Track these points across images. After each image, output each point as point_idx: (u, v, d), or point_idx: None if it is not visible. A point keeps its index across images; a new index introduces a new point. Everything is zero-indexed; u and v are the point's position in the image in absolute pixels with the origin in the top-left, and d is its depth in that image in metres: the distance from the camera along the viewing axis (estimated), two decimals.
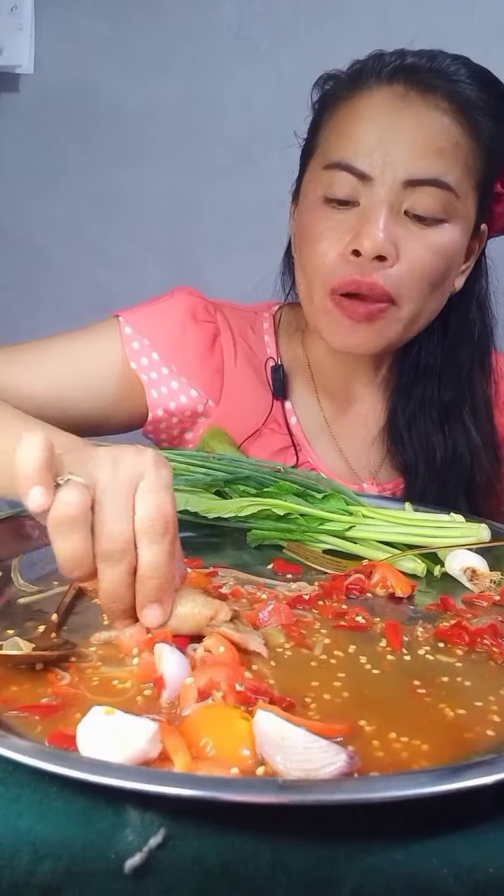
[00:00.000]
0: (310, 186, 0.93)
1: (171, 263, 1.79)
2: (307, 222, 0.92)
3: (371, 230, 0.86)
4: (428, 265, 0.89)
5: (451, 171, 0.87)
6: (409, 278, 0.88)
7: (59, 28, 1.82)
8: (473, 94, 0.89)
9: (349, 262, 0.88)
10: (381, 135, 0.87)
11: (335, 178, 0.89)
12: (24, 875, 0.38)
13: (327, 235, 0.89)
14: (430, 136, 0.87)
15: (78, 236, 1.88)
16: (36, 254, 1.90)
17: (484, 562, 0.74)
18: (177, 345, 0.99)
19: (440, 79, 0.88)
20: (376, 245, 0.86)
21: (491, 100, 0.90)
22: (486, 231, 0.97)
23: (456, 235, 0.90)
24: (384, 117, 0.88)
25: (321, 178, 0.90)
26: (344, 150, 0.89)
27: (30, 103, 1.87)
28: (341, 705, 0.51)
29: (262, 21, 1.69)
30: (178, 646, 0.54)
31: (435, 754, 0.47)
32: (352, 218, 0.88)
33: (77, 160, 1.86)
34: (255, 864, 0.39)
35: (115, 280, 1.80)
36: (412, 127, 0.87)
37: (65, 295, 1.85)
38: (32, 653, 0.54)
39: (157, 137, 1.80)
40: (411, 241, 0.88)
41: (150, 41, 1.78)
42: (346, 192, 0.88)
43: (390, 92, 0.88)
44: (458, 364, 1.00)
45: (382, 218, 0.86)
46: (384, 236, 0.86)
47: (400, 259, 0.88)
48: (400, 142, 0.86)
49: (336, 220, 0.89)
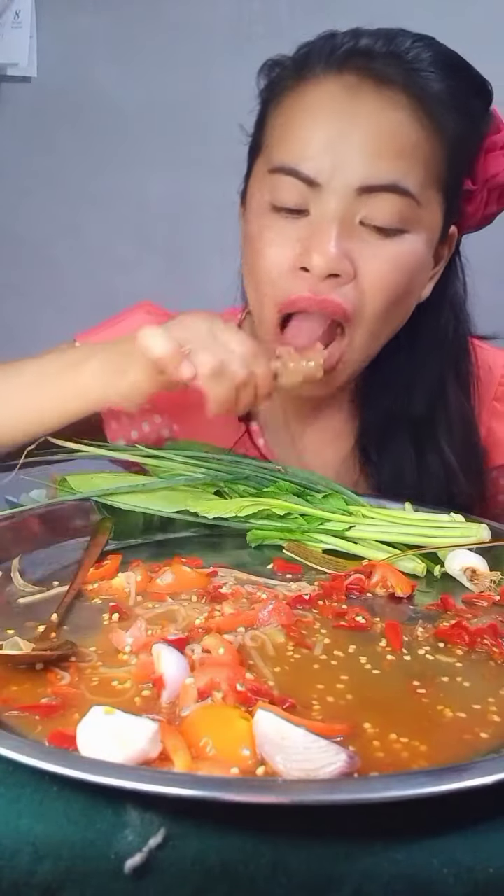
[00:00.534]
0: (256, 189, 0.84)
1: (171, 263, 1.79)
2: (254, 230, 0.83)
3: (321, 245, 0.76)
4: (388, 281, 0.79)
5: (411, 174, 0.77)
6: (367, 296, 0.79)
7: (60, 28, 1.82)
8: (437, 85, 0.79)
9: (300, 278, 0.79)
10: (329, 135, 0.77)
11: (281, 183, 0.79)
12: (24, 875, 0.38)
13: (274, 247, 0.80)
14: (386, 136, 0.77)
15: (78, 236, 1.89)
16: (36, 254, 1.91)
17: (484, 562, 0.74)
18: None
19: (398, 66, 0.78)
20: (328, 262, 0.76)
21: (457, 89, 0.80)
22: (455, 234, 0.88)
23: (419, 246, 0.81)
24: (333, 114, 0.78)
25: (267, 182, 0.81)
26: (289, 151, 0.79)
27: (30, 103, 1.87)
28: (341, 706, 0.51)
29: (262, 21, 1.69)
30: (176, 646, 0.54)
31: (435, 754, 0.47)
32: (301, 228, 0.79)
33: (77, 160, 1.86)
34: (255, 864, 0.39)
35: (115, 280, 1.80)
36: (365, 125, 0.76)
37: (65, 295, 1.85)
38: (32, 653, 0.54)
39: (157, 137, 1.80)
40: (369, 255, 0.78)
41: (151, 41, 1.78)
42: (294, 200, 0.78)
43: (340, 83, 0.78)
44: (429, 377, 0.91)
45: (334, 230, 0.77)
46: (336, 251, 0.76)
47: (357, 275, 0.78)
48: (352, 143, 0.76)
49: (284, 230, 0.79)
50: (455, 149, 0.81)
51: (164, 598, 0.65)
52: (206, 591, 0.66)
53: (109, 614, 0.62)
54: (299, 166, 0.78)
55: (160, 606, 0.64)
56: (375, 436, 0.94)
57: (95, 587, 0.68)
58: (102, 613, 0.63)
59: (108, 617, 0.62)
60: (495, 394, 0.98)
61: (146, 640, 0.56)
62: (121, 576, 0.68)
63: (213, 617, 0.61)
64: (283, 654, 0.57)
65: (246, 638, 0.58)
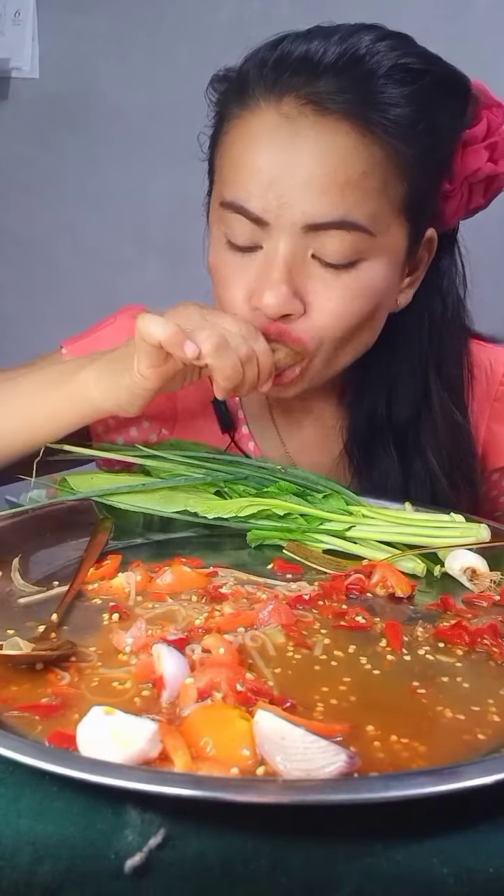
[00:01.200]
0: (213, 219, 0.82)
1: (171, 263, 1.79)
2: (213, 263, 0.82)
3: (270, 286, 0.75)
4: (346, 311, 0.78)
5: (361, 206, 0.74)
6: (322, 328, 0.78)
7: (61, 29, 1.83)
8: (391, 108, 0.73)
9: (257, 314, 0.78)
10: (271, 172, 0.73)
11: (232, 220, 0.77)
12: (24, 875, 0.38)
13: (231, 282, 0.79)
14: (329, 169, 0.72)
15: (78, 236, 1.89)
16: (36, 254, 1.91)
17: (484, 562, 0.74)
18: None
19: (345, 88, 0.72)
20: (277, 303, 0.75)
21: (419, 105, 0.74)
22: (433, 237, 0.85)
23: (378, 271, 0.78)
24: (273, 147, 0.74)
25: (220, 216, 0.79)
26: (237, 188, 0.76)
27: (31, 103, 1.87)
28: (340, 706, 0.51)
29: (262, 21, 1.69)
30: (176, 646, 0.54)
31: (434, 754, 0.47)
32: (255, 263, 0.77)
33: (78, 160, 1.87)
34: (255, 864, 0.39)
35: (115, 280, 1.81)
36: (307, 159, 0.72)
37: (65, 295, 1.85)
38: (32, 653, 0.54)
39: (158, 137, 1.80)
40: (322, 289, 0.76)
41: (151, 41, 1.78)
42: (246, 238, 0.77)
43: (278, 113, 0.74)
44: (407, 380, 0.90)
45: (281, 270, 0.75)
46: (285, 291, 0.75)
47: (310, 309, 0.77)
48: (294, 179, 0.72)
49: (239, 266, 0.78)
50: (417, 165, 0.76)
51: (164, 598, 0.65)
52: (207, 592, 0.66)
53: (109, 614, 0.62)
54: (247, 204, 0.75)
55: (160, 606, 0.64)
56: (361, 441, 0.93)
57: (95, 587, 0.68)
58: (102, 613, 0.63)
59: (108, 617, 0.62)
60: (496, 394, 0.96)
61: (146, 640, 0.56)
62: (121, 576, 0.68)
63: (213, 617, 0.61)
64: (283, 655, 0.57)
65: (246, 638, 0.58)
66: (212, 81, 0.83)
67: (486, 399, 0.96)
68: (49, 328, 1.01)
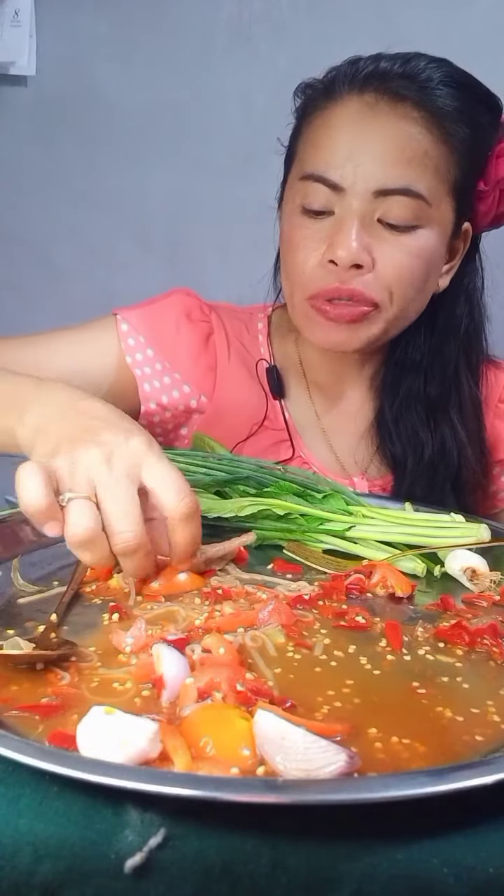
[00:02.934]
0: (289, 195, 0.95)
1: (171, 263, 1.79)
2: (287, 231, 0.95)
3: (344, 240, 0.88)
4: (406, 267, 0.90)
5: (421, 179, 0.88)
6: (388, 282, 0.90)
7: (60, 28, 1.82)
8: (446, 100, 0.89)
9: (328, 271, 0.90)
10: (351, 146, 0.88)
11: (310, 188, 0.90)
12: (24, 875, 0.38)
13: (304, 244, 0.91)
14: (398, 146, 0.88)
15: (78, 236, 1.89)
16: (36, 254, 1.90)
17: (484, 562, 0.74)
18: (170, 342, 1.02)
19: (411, 86, 0.88)
20: (350, 254, 0.88)
21: (465, 106, 0.90)
22: (469, 230, 0.98)
23: (431, 239, 0.91)
24: (354, 128, 0.89)
25: (298, 188, 0.92)
26: (318, 161, 0.90)
27: (30, 103, 1.87)
28: (340, 706, 0.51)
29: (262, 21, 1.69)
30: (176, 646, 0.54)
31: (434, 754, 0.47)
32: (327, 227, 0.90)
33: (77, 160, 1.86)
34: (255, 864, 0.39)
35: (115, 280, 1.80)
36: (381, 137, 0.88)
37: (65, 295, 1.85)
38: (32, 653, 0.54)
39: (157, 137, 1.80)
40: (386, 247, 0.89)
41: (151, 42, 1.78)
42: (321, 203, 0.90)
43: (361, 102, 0.90)
44: (444, 360, 1.02)
45: (355, 228, 0.88)
46: (357, 245, 0.88)
47: (376, 265, 0.89)
48: (370, 152, 0.88)
49: (312, 230, 0.91)
50: (464, 155, 0.91)
51: (162, 598, 0.65)
52: (207, 593, 0.66)
53: (109, 614, 0.62)
54: (327, 173, 0.89)
55: (160, 607, 0.64)
56: (393, 411, 1.03)
57: (94, 588, 0.68)
58: (102, 613, 0.63)
59: (108, 617, 0.62)
60: (500, 396, 1.08)
61: (146, 640, 0.56)
62: (117, 576, 0.68)
63: (213, 617, 0.61)
64: (283, 655, 0.57)
65: (246, 638, 0.58)
66: (298, 89, 0.97)
67: (491, 401, 1.08)
68: (47, 327, 1.01)
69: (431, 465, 1.01)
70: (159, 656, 0.52)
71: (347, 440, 1.06)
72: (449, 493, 1.02)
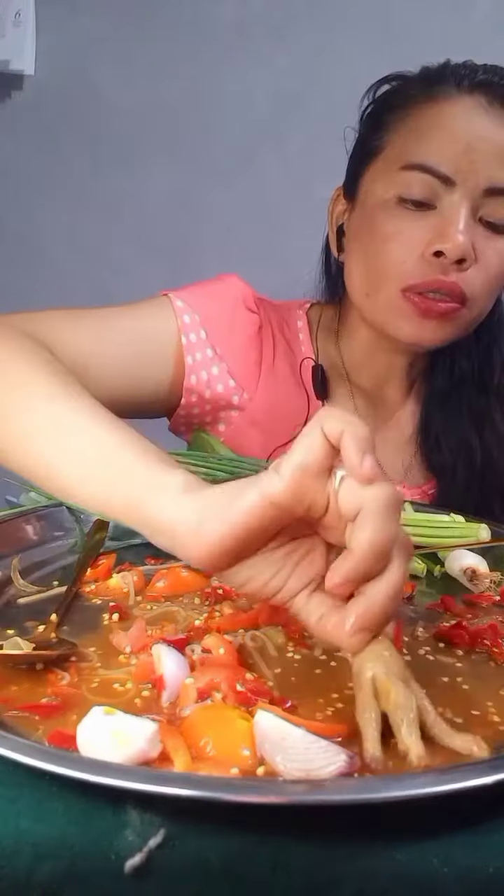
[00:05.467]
0: (378, 186, 0.93)
1: (171, 264, 1.78)
2: (377, 222, 0.93)
3: (455, 233, 0.88)
4: (498, 271, 0.92)
5: None
6: (483, 282, 0.91)
7: (60, 29, 1.82)
8: None
9: (430, 263, 0.89)
10: (467, 141, 0.88)
11: (413, 179, 0.89)
12: (24, 875, 0.38)
13: (404, 235, 0.90)
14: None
15: (78, 236, 1.89)
16: (36, 254, 1.91)
17: (484, 562, 0.74)
18: (225, 326, 0.99)
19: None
20: (460, 248, 0.88)
21: None
22: None
23: None
24: (469, 125, 0.89)
25: (395, 179, 0.91)
26: (427, 152, 0.89)
27: (30, 104, 1.87)
28: (340, 706, 0.51)
29: (262, 21, 1.69)
30: (176, 646, 0.54)
31: (434, 755, 0.47)
32: (429, 220, 0.90)
33: (77, 161, 1.86)
34: (255, 864, 0.39)
35: (115, 280, 1.80)
36: (496, 137, 0.89)
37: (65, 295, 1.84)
38: (32, 653, 0.54)
39: (158, 138, 1.80)
40: (486, 247, 0.90)
41: (151, 42, 1.78)
42: (425, 195, 0.89)
43: (474, 101, 0.90)
44: (490, 370, 1.03)
45: (464, 221, 0.88)
46: (465, 240, 0.88)
47: (477, 263, 0.90)
48: (485, 150, 0.88)
49: (411, 221, 0.90)
50: None
51: (163, 598, 0.65)
52: (207, 593, 0.66)
53: (109, 614, 0.62)
54: (438, 165, 0.88)
55: (160, 607, 0.64)
56: (442, 420, 1.04)
57: (93, 588, 0.68)
58: (102, 613, 0.63)
59: (108, 617, 0.62)
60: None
61: (146, 640, 0.56)
62: (117, 576, 0.68)
63: (214, 617, 0.61)
64: (283, 655, 0.57)
65: (246, 638, 0.58)
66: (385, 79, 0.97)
67: None
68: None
69: (482, 474, 1.01)
70: (159, 656, 0.52)
71: (389, 448, 1.05)
72: (497, 499, 1.01)
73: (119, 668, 0.54)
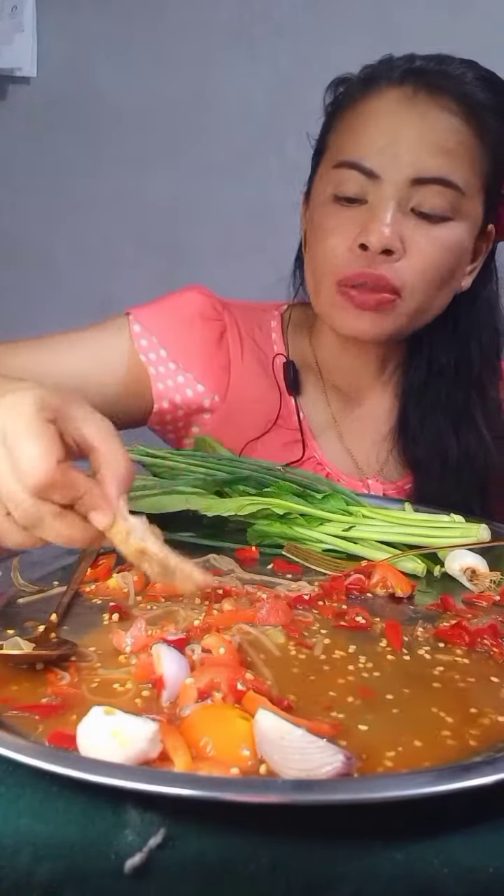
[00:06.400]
0: (320, 185, 0.95)
1: (170, 264, 1.79)
2: (317, 220, 0.94)
3: (377, 226, 0.88)
4: (434, 260, 0.90)
5: (459, 170, 0.89)
6: (416, 272, 0.90)
7: (60, 29, 1.82)
8: (481, 96, 0.89)
9: (358, 256, 0.89)
10: (389, 134, 0.88)
11: (344, 176, 0.90)
12: (24, 875, 0.38)
13: (336, 231, 0.91)
14: (437, 136, 0.88)
15: (78, 236, 1.89)
16: (36, 254, 1.90)
17: (484, 562, 0.74)
18: (184, 342, 1.01)
19: (448, 80, 0.89)
20: (383, 239, 0.87)
21: (497, 101, 0.91)
22: (493, 232, 0.98)
23: (462, 233, 0.92)
24: (393, 117, 0.89)
25: (331, 177, 0.92)
26: (353, 149, 0.90)
27: (30, 104, 1.87)
28: (340, 706, 0.51)
29: (262, 21, 1.69)
30: (176, 646, 0.54)
31: (434, 754, 0.47)
32: (360, 214, 0.90)
33: (77, 160, 1.86)
34: (255, 864, 0.39)
35: (115, 280, 1.80)
36: (420, 126, 0.88)
37: (65, 295, 1.85)
38: (32, 653, 0.54)
39: (158, 138, 1.80)
40: (417, 237, 0.89)
41: (151, 42, 1.78)
42: (355, 190, 0.90)
43: (399, 93, 0.90)
44: (468, 364, 1.02)
45: (389, 213, 0.88)
46: (390, 231, 0.88)
47: (407, 253, 0.89)
48: (408, 141, 0.88)
49: (345, 217, 0.91)
50: (496, 152, 0.92)
51: (163, 598, 0.65)
52: (207, 593, 0.66)
53: (109, 614, 0.62)
54: (363, 160, 0.89)
55: (160, 607, 0.64)
56: (418, 414, 1.02)
57: (93, 588, 0.68)
58: (102, 613, 0.63)
59: (108, 617, 0.62)
60: None
61: (146, 640, 0.56)
62: (117, 576, 0.68)
63: (212, 615, 0.61)
64: (283, 655, 0.57)
65: (244, 630, 0.58)
66: (332, 84, 0.97)
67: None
68: (48, 328, 1.01)
69: (458, 470, 1.00)
70: (159, 656, 0.52)
71: (364, 442, 1.05)
72: (475, 497, 1.00)
73: (119, 668, 0.54)
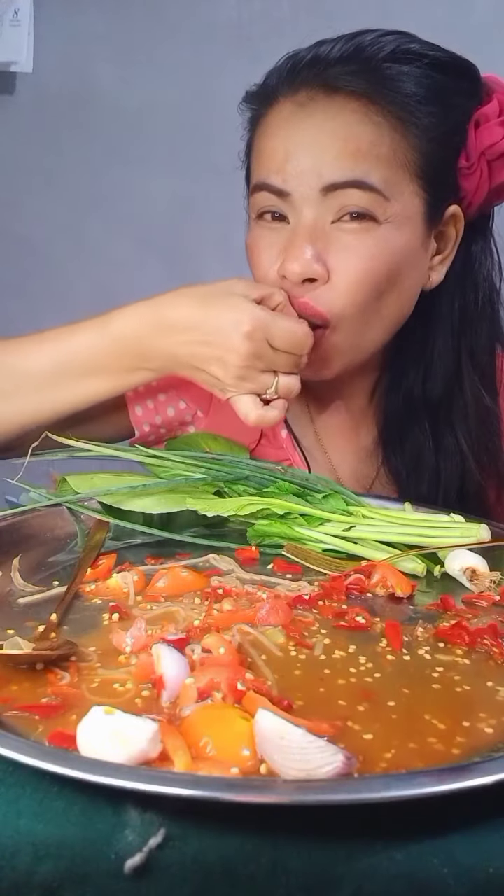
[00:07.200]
0: (250, 206, 0.91)
1: (170, 263, 1.79)
2: (248, 243, 0.90)
3: (295, 252, 0.82)
4: (364, 275, 0.83)
5: (373, 170, 0.81)
6: (343, 298, 0.83)
7: (58, 27, 1.82)
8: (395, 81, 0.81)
9: (282, 284, 0.83)
10: (287, 148, 0.83)
11: (259, 199, 0.86)
12: (24, 875, 0.38)
13: (263, 255, 0.86)
14: (339, 139, 0.81)
15: (78, 236, 1.89)
16: (36, 254, 1.91)
17: (484, 562, 0.74)
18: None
19: (349, 71, 0.82)
20: (301, 268, 0.81)
21: (425, 79, 0.83)
22: (458, 213, 0.89)
23: (394, 236, 0.83)
24: (289, 130, 0.84)
25: (253, 201, 0.88)
26: (260, 169, 0.86)
27: (29, 103, 1.87)
28: (340, 706, 0.51)
29: (262, 21, 1.69)
30: (176, 646, 0.54)
31: (434, 754, 0.47)
32: (283, 237, 0.84)
33: (76, 160, 1.86)
34: (255, 864, 0.39)
35: (114, 280, 1.80)
36: (318, 134, 0.82)
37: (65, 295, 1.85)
38: (32, 653, 0.54)
39: (157, 137, 1.80)
40: (343, 254, 0.82)
41: (150, 41, 1.78)
42: (272, 210, 0.85)
43: (293, 103, 0.84)
44: (443, 361, 0.93)
45: (306, 235, 0.82)
46: (310, 256, 0.81)
47: (332, 275, 0.82)
48: (308, 151, 0.82)
49: (269, 239, 0.86)
50: (428, 134, 0.83)
51: (163, 598, 0.65)
52: (207, 593, 0.66)
53: (109, 614, 0.62)
54: (268, 180, 0.84)
55: (160, 607, 0.64)
56: (397, 422, 0.97)
57: (93, 588, 0.68)
58: (102, 613, 0.63)
59: (108, 617, 0.62)
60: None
61: (146, 640, 0.56)
62: (117, 576, 0.68)
63: (212, 615, 0.61)
64: (283, 655, 0.57)
65: (246, 638, 0.58)
66: (244, 98, 0.92)
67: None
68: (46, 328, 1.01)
69: (436, 476, 0.94)
70: (159, 656, 0.52)
71: (350, 458, 1.00)
72: (455, 503, 0.93)
73: (119, 668, 0.54)
